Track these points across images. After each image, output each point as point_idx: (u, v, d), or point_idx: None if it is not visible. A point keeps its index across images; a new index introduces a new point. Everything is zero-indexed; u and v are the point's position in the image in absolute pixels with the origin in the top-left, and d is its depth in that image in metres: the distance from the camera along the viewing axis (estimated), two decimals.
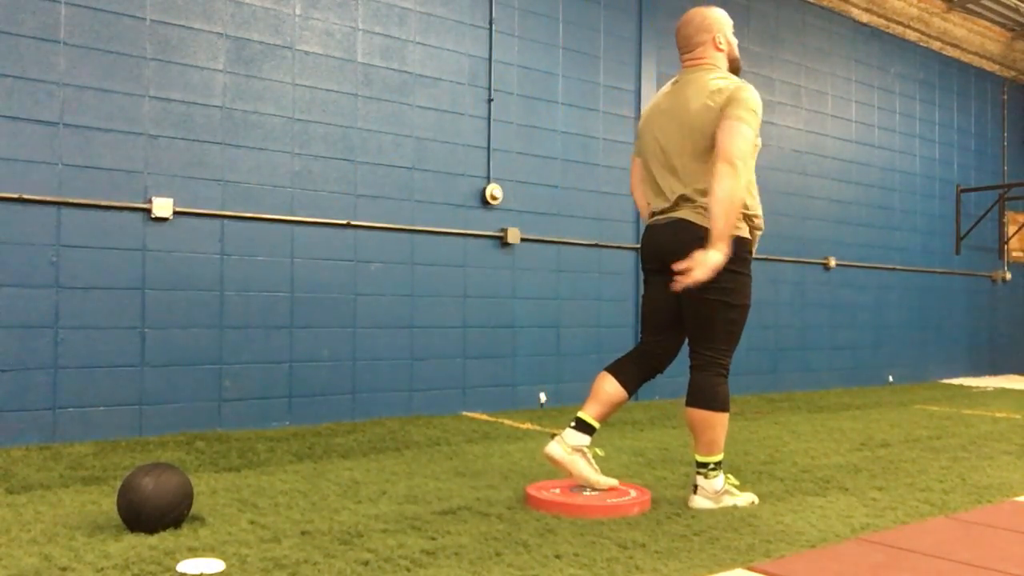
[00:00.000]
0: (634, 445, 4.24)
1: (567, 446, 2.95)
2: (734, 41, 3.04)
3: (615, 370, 3.08)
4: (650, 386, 6.30)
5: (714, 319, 2.88)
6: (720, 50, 2.99)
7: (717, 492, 2.89)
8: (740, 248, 2.85)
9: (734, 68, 3.03)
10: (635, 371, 3.05)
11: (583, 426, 2.98)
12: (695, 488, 2.91)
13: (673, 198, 2.90)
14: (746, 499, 2.96)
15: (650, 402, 6.19)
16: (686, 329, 2.98)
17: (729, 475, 3.02)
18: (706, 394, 2.86)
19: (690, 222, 2.86)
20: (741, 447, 4.23)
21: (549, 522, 2.65)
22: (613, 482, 2.98)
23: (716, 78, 2.87)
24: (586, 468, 2.94)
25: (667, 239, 2.91)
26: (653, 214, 3.02)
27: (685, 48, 3.00)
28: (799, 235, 7.57)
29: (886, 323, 8.39)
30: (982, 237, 9.49)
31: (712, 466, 2.88)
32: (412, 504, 2.88)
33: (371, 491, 3.08)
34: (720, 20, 3.01)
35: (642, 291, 3.15)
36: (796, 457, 3.97)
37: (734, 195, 2.70)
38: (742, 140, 2.74)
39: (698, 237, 2.80)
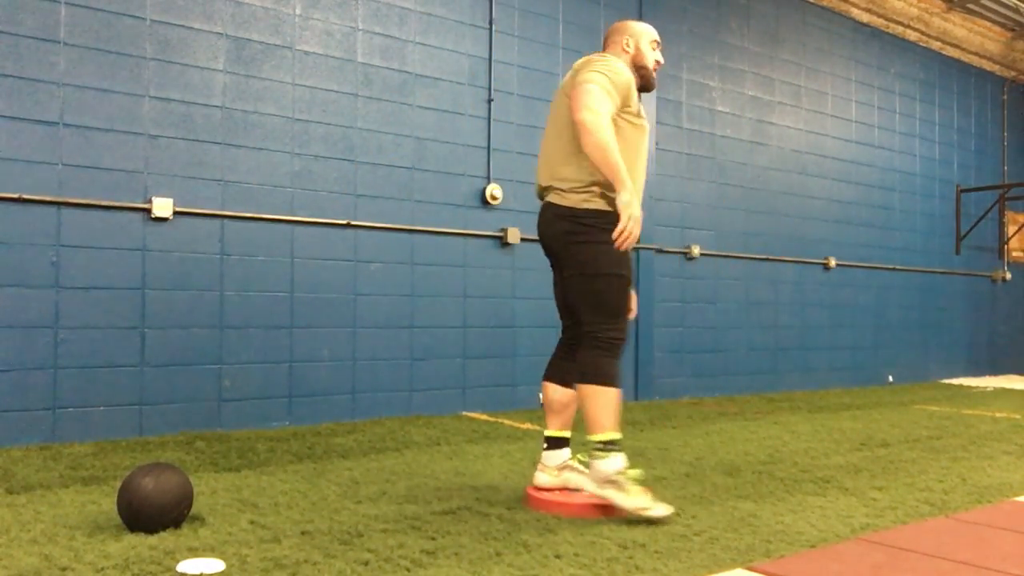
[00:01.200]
0: (634, 445, 4.24)
1: (552, 470, 2.97)
2: (650, 54, 3.02)
3: (549, 375, 3.08)
4: (650, 386, 6.35)
5: (580, 293, 2.88)
6: (626, 52, 3.01)
7: (604, 477, 2.72)
8: (589, 218, 2.82)
9: (644, 77, 3.01)
10: (567, 365, 3.02)
11: (554, 442, 3.00)
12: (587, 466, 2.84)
13: (544, 184, 2.97)
14: (643, 505, 2.68)
15: (650, 402, 6.19)
16: None
17: (637, 474, 2.79)
18: (585, 368, 2.82)
19: (553, 203, 2.92)
20: (741, 447, 4.23)
21: (549, 522, 2.65)
22: None
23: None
24: (581, 479, 2.92)
25: (541, 225, 3.01)
26: None
27: (602, 49, 3.07)
28: (799, 235, 7.57)
29: (886, 323, 8.39)
30: (982, 237, 9.50)
31: (599, 445, 2.75)
32: (412, 504, 2.88)
33: (371, 491, 3.08)
34: (637, 29, 3.05)
35: None
36: (796, 457, 3.97)
37: (599, 143, 2.67)
38: (587, 95, 2.72)
39: (558, 215, 2.87)
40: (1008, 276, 9.79)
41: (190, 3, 4.44)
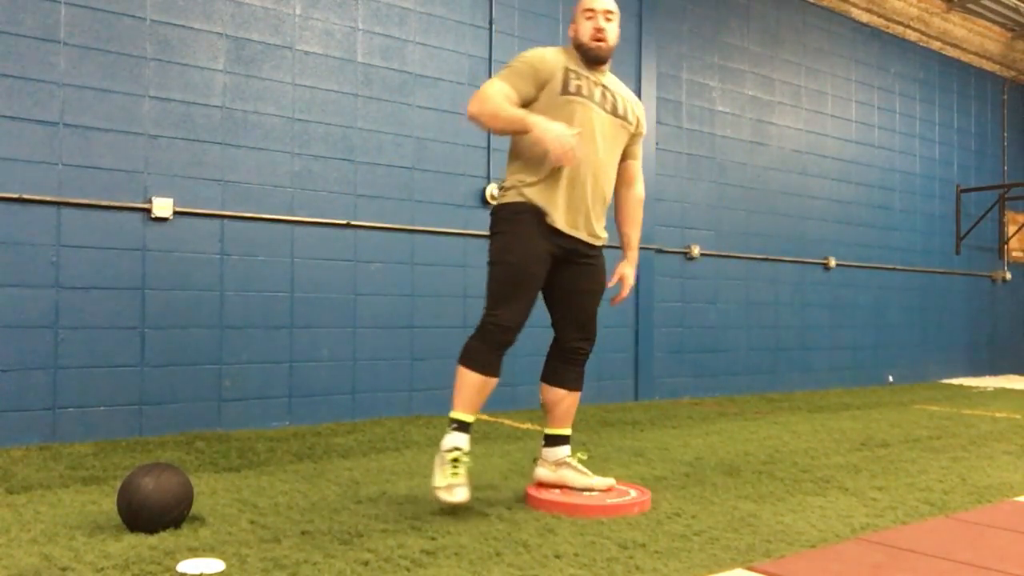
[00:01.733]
0: (634, 445, 4.24)
1: (550, 464, 3.00)
2: (583, 27, 2.88)
3: (542, 375, 3.09)
4: (650, 386, 6.34)
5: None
6: (571, 36, 2.98)
7: (444, 449, 2.74)
8: (497, 213, 2.94)
9: (584, 53, 2.91)
10: (554, 364, 3.06)
11: (551, 440, 3.03)
12: None
13: None
14: (438, 484, 2.67)
15: (650, 402, 6.20)
16: None
17: (467, 459, 2.75)
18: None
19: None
20: (741, 447, 4.23)
21: (549, 522, 2.65)
22: (610, 481, 2.99)
23: None
24: (577, 476, 2.97)
25: None
26: None
27: None
28: (799, 235, 7.57)
29: (886, 323, 8.39)
30: (982, 237, 9.49)
31: (451, 422, 2.79)
32: (412, 504, 2.88)
33: (371, 491, 3.08)
34: (576, 5, 2.97)
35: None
36: (796, 457, 3.97)
37: (481, 110, 2.78)
38: (480, 90, 2.83)
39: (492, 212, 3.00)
40: (1008, 276, 9.79)
41: (190, 3, 4.43)
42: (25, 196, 3.96)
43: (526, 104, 2.83)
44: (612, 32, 2.89)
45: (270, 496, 2.95)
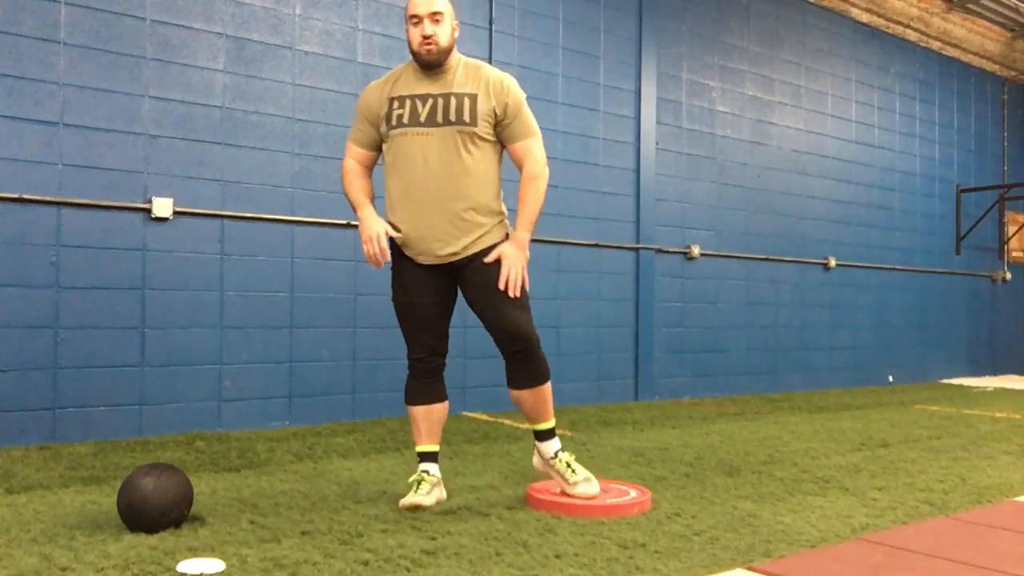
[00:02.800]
0: (634, 445, 4.24)
1: (542, 459, 3.01)
2: (410, 34, 2.81)
3: (506, 379, 3.04)
4: (650, 386, 6.35)
5: None
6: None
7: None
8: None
9: (416, 61, 2.88)
10: (506, 365, 3.00)
11: (537, 435, 3.01)
12: None
13: None
14: (407, 501, 2.81)
15: (650, 402, 6.20)
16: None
17: (417, 480, 2.91)
18: None
19: None
20: (741, 447, 4.23)
21: (549, 522, 2.65)
22: (594, 490, 2.88)
23: None
24: (561, 481, 2.93)
25: None
26: None
27: None
28: (799, 235, 7.57)
29: (886, 323, 8.39)
30: (982, 237, 9.49)
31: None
32: None
33: (371, 491, 3.08)
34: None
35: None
36: (796, 457, 3.97)
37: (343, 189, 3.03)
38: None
39: None
40: (1008, 276, 9.79)
41: (190, 3, 4.43)
42: (25, 196, 3.96)
43: (385, 141, 2.90)
44: (443, 33, 2.79)
45: (270, 496, 2.96)
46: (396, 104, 2.84)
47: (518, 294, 2.84)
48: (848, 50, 8.08)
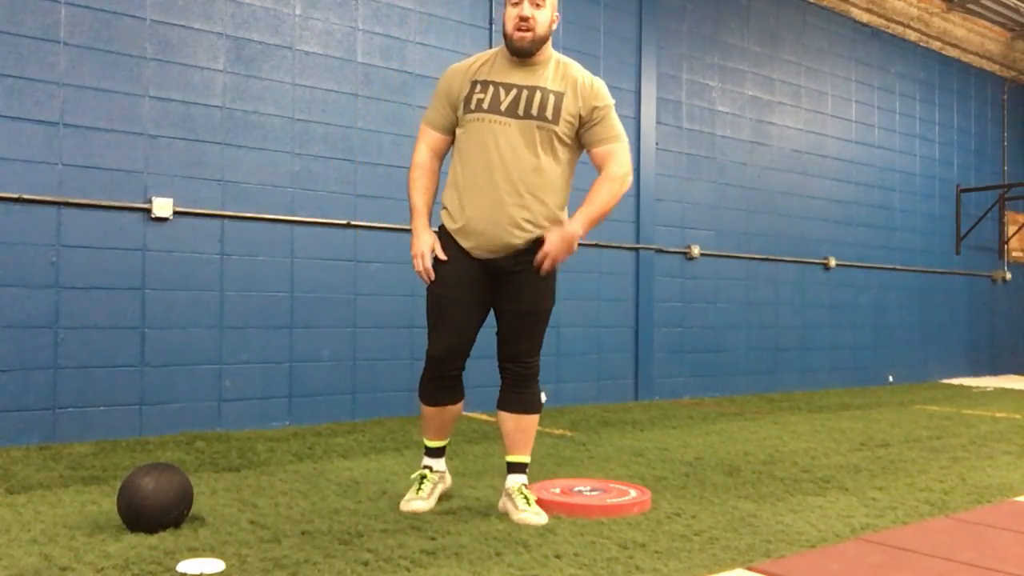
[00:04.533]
0: (634, 445, 4.24)
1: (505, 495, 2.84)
2: (507, 14, 2.69)
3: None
4: (650, 386, 6.34)
5: None
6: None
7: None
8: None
9: (508, 47, 2.74)
10: (501, 382, 2.94)
11: (507, 467, 2.86)
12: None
13: None
14: (407, 496, 2.82)
15: (650, 402, 6.19)
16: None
17: (417, 478, 2.88)
18: None
19: None
20: (741, 447, 4.23)
21: (549, 522, 2.65)
22: (541, 520, 2.65)
23: None
24: (512, 510, 2.71)
25: None
26: None
27: None
28: (799, 235, 7.57)
29: (886, 323, 8.39)
30: (982, 237, 9.49)
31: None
32: None
33: (371, 491, 3.08)
34: None
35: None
36: (796, 457, 3.97)
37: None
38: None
39: None
40: (1008, 276, 9.78)
41: (190, 3, 4.43)
42: (25, 196, 3.96)
43: (460, 125, 2.77)
44: (542, 19, 2.64)
45: (270, 496, 2.95)
46: (479, 88, 2.70)
47: (548, 271, 2.72)
48: (848, 50, 8.08)
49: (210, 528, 2.50)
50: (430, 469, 2.90)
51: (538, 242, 2.71)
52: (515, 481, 2.79)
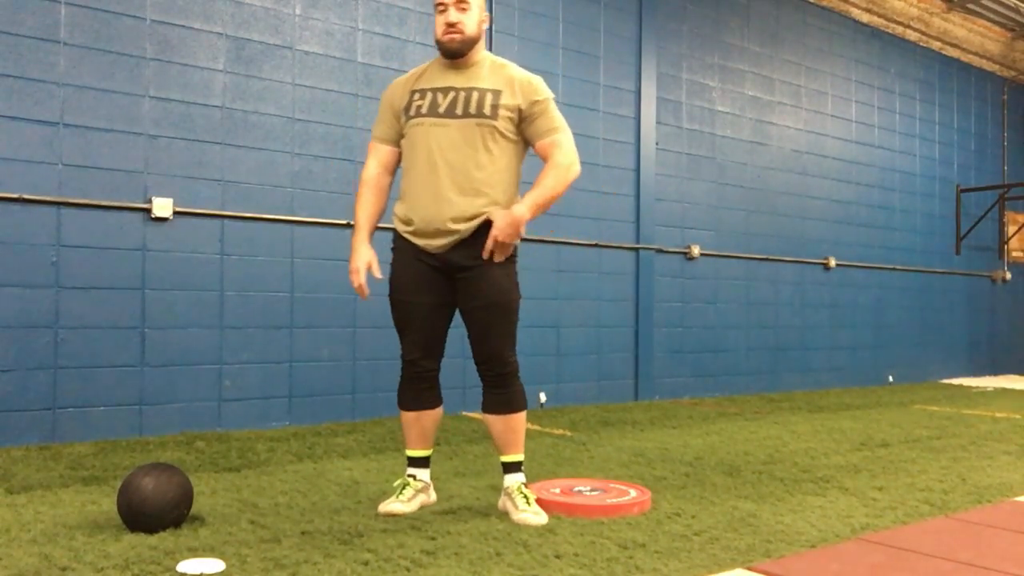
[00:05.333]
0: (634, 445, 4.24)
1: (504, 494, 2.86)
2: (436, 22, 2.78)
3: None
4: (650, 386, 6.34)
5: None
6: None
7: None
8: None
9: (440, 50, 2.83)
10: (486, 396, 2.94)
11: (502, 467, 2.87)
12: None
13: None
14: (387, 504, 2.78)
15: (650, 402, 6.19)
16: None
17: (401, 484, 2.85)
18: None
19: None
20: (741, 447, 4.23)
21: (549, 522, 2.65)
22: (542, 520, 2.67)
23: None
24: (512, 510, 2.73)
25: None
26: None
27: None
28: (799, 235, 7.57)
29: (886, 323, 8.39)
30: (982, 237, 9.49)
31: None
32: None
33: (371, 491, 3.08)
34: None
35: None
36: (796, 457, 3.97)
37: None
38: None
39: None
40: (1008, 276, 9.79)
41: (190, 3, 4.43)
42: (25, 196, 3.96)
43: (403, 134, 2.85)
44: (469, 21, 2.72)
45: (270, 496, 2.95)
46: (418, 96, 2.79)
47: (503, 257, 2.72)
48: (848, 50, 8.08)
49: (210, 528, 2.50)
50: (413, 477, 2.87)
51: (486, 229, 2.71)
52: (513, 480, 2.80)
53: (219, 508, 2.76)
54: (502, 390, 2.81)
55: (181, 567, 2.12)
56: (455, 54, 2.76)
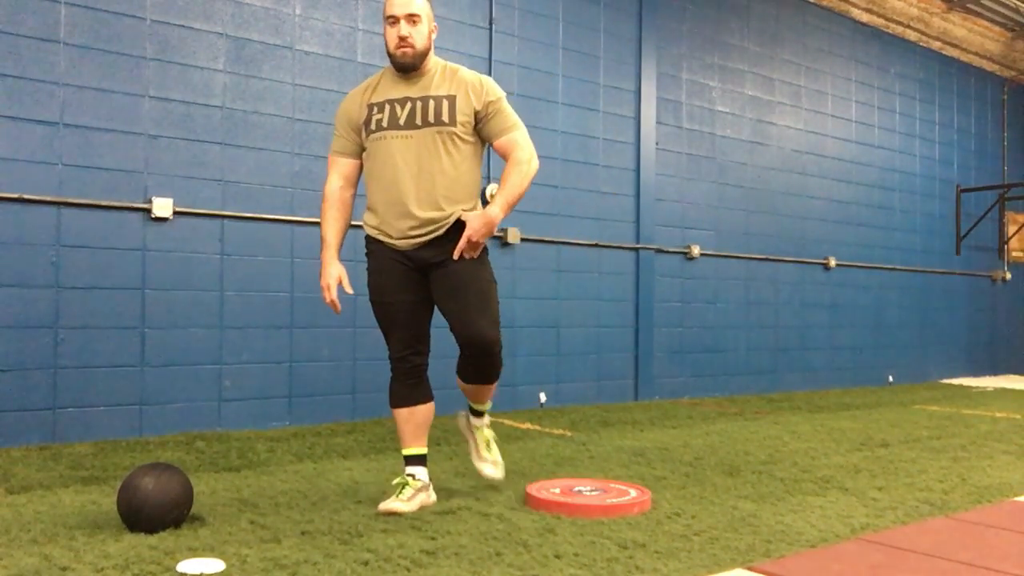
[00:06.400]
0: (634, 445, 4.24)
1: (467, 420, 3.21)
2: (387, 35, 2.84)
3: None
4: (650, 386, 6.34)
5: None
6: None
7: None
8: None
9: (392, 64, 2.90)
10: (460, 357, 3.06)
11: (471, 410, 3.17)
12: None
13: None
14: (389, 503, 2.80)
15: (650, 402, 6.20)
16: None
17: (410, 477, 2.89)
18: None
19: None
20: (741, 447, 4.23)
21: (549, 522, 2.65)
22: (499, 476, 3.14)
23: None
24: (473, 452, 3.14)
25: None
26: None
27: None
28: (799, 235, 7.57)
29: (886, 323, 8.39)
30: (982, 237, 9.49)
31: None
32: None
33: (371, 491, 3.08)
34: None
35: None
36: (796, 457, 3.97)
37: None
38: None
39: None
40: (1008, 276, 9.79)
41: (190, 3, 4.43)
42: (25, 196, 3.96)
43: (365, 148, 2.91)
44: (419, 35, 2.79)
45: (270, 496, 2.96)
46: (376, 110, 2.85)
47: (475, 255, 2.81)
48: (848, 50, 8.08)
49: (210, 528, 2.50)
50: (412, 477, 2.89)
51: (457, 228, 2.80)
52: (480, 422, 3.14)
53: (219, 508, 2.76)
54: (485, 367, 2.94)
55: (181, 567, 2.12)
56: (409, 68, 2.83)
